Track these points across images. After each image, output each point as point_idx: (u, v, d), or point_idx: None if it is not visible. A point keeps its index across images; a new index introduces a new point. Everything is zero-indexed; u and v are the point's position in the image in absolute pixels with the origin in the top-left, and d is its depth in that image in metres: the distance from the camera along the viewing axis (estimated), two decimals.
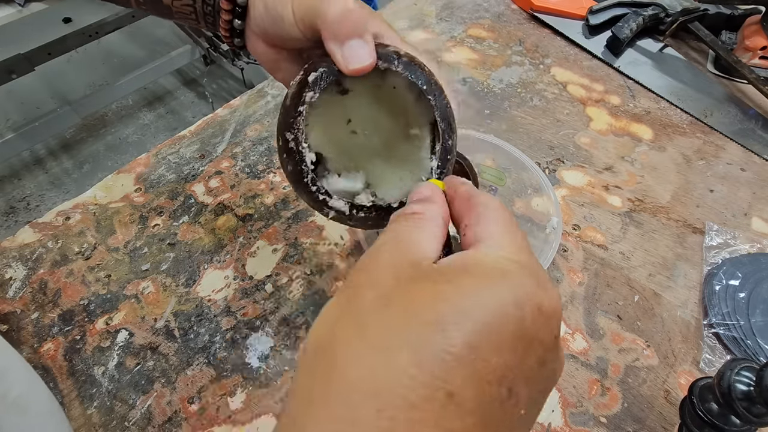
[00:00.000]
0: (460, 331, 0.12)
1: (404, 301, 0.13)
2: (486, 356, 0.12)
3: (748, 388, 0.23)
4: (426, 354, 0.12)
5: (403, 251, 0.15)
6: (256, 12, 0.23)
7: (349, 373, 0.12)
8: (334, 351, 0.13)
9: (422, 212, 0.17)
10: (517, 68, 0.58)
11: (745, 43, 0.55)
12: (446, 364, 0.12)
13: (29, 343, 0.35)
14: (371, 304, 0.14)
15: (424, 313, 0.13)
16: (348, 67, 0.20)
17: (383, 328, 0.13)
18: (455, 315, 0.12)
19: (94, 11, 1.13)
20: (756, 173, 0.47)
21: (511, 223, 0.16)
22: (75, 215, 0.43)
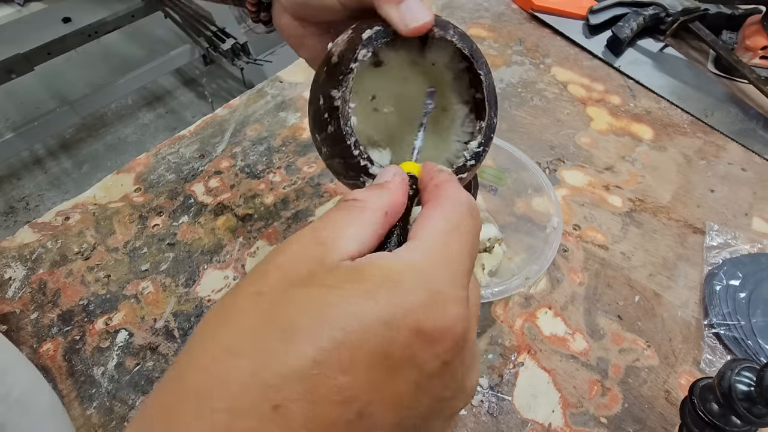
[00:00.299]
0: (311, 344, 0.11)
1: (274, 302, 0.12)
2: (330, 374, 0.11)
3: (748, 388, 0.23)
4: (266, 363, 0.11)
5: (314, 245, 0.14)
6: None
7: (192, 375, 0.12)
8: (192, 345, 0.13)
9: (363, 201, 0.15)
10: (517, 68, 0.58)
11: (746, 43, 0.55)
12: (280, 376, 0.11)
13: (29, 343, 0.35)
14: (245, 299, 0.13)
15: (281, 320, 0.12)
16: (408, 26, 0.19)
17: (240, 328, 0.12)
18: (312, 326, 0.12)
19: (94, 11, 1.13)
20: (757, 173, 0.47)
21: (459, 225, 0.15)
22: (74, 215, 0.43)
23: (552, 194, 0.35)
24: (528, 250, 0.35)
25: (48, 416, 0.26)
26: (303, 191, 0.45)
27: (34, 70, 1.09)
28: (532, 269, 0.31)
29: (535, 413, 0.32)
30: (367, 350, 0.12)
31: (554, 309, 0.37)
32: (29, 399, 0.25)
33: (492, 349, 0.34)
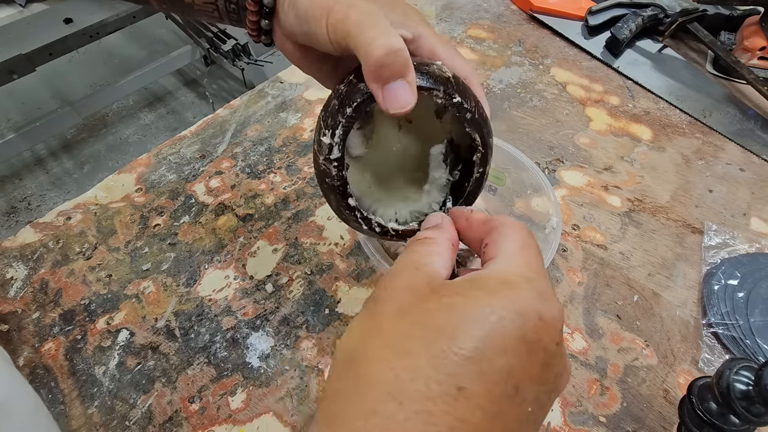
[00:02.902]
0: (468, 336, 0.14)
1: (420, 312, 0.15)
2: (491, 357, 0.14)
3: (746, 387, 0.23)
4: (439, 356, 0.14)
5: (419, 271, 0.17)
6: (287, 18, 0.23)
7: (376, 375, 0.14)
8: (362, 357, 0.15)
9: (434, 238, 0.19)
10: (516, 69, 0.58)
11: (744, 44, 0.55)
12: (456, 364, 0.14)
13: (30, 342, 0.35)
14: (392, 316, 0.16)
15: (436, 322, 0.15)
16: (389, 110, 0.20)
17: (403, 336, 0.15)
18: (463, 322, 0.14)
19: (95, 12, 1.14)
20: (755, 173, 0.47)
21: (527, 241, 0.18)
22: (76, 215, 0.43)
23: (551, 194, 0.35)
24: None
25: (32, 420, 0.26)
26: (303, 191, 0.45)
27: (36, 71, 1.09)
28: None
29: None
30: (511, 335, 0.14)
31: None
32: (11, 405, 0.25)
33: None
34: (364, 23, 0.19)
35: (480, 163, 0.23)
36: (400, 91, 0.19)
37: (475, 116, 0.22)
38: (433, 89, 0.20)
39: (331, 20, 0.20)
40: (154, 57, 1.42)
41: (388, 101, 0.19)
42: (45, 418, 0.27)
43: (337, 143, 0.21)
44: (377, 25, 0.19)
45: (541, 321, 0.15)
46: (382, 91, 0.19)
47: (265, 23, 0.24)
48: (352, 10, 0.20)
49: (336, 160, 0.21)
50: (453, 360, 0.14)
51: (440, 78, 0.21)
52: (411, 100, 0.19)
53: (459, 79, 0.22)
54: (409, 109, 0.19)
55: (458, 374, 0.14)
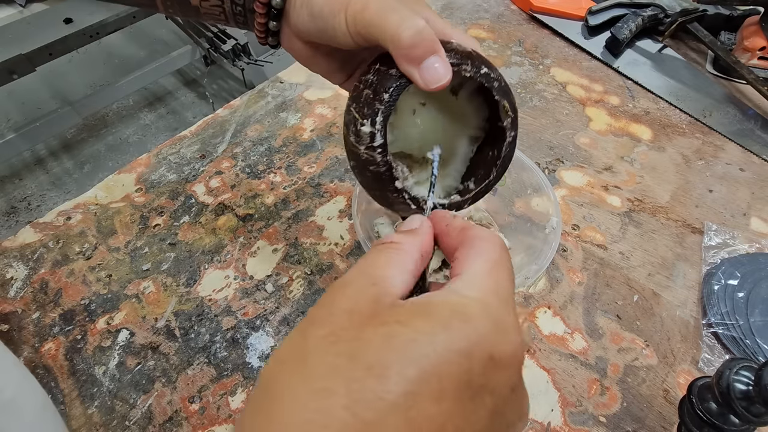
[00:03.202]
0: (401, 378, 0.12)
1: (351, 341, 0.13)
2: (424, 405, 0.12)
3: (746, 387, 0.23)
4: (361, 399, 0.12)
5: (368, 286, 0.15)
6: (299, 18, 0.23)
7: (287, 417, 0.12)
8: (277, 389, 0.13)
9: (400, 243, 0.17)
10: (516, 68, 0.58)
11: (744, 44, 0.55)
12: (379, 412, 0.12)
13: (30, 342, 0.35)
14: (319, 342, 0.13)
15: (367, 357, 0.12)
16: (429, 87, 0.20)
17: (326, 368, 0.13)
18: (398, 361, 0.12)
19: (95, 12, 1.14)
20: (755, 173, 0.47)
21: (500, 261, 0.16)
22: (76, 215, 0.43)
23: (551, 194, 0.35)
24: (527, 250, 0.35)
25: (40, 418, 0.26)
26: (303, 191, 0.45)
27: (36, 71, 1.09)
28: (532, 269, 0.31)
29: (534, 412, 0.32)
30: (452, 379, 0.12)
31: (553, 308, 0.37)
32: (21, 401, 0.25)
33: None
34: (385, 10, 0.20)
35: (511, 126, 0.24)
36: (436, 66, 0.20)
37: (502, 84, 0.23)
38: (462, 63, 0.21)
39: (350, 12, 0.21)
40: (154, 57, 1.42)
41: (426, 78, 0.20)
42: (53, 415, 0.27)
43: (379, 130, 0.21)
44: (398, 10, 0.20)
45: (491, 362, 0.13)
46: (419, 71, 0.20)
47: (273, 24, 0.24)
48: (370, 1, 0.20)
49: (380, 146, 0.22)
50: (377, 405, 0.12)
51: (464, 53, 0.22)
52: (448, 72, 0.20)
53: (481, 55, 0.23)
54: (447, 82, 0.20)
55: (379, 423, 0.11)
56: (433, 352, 0.12)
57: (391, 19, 0.20)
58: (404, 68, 0.20)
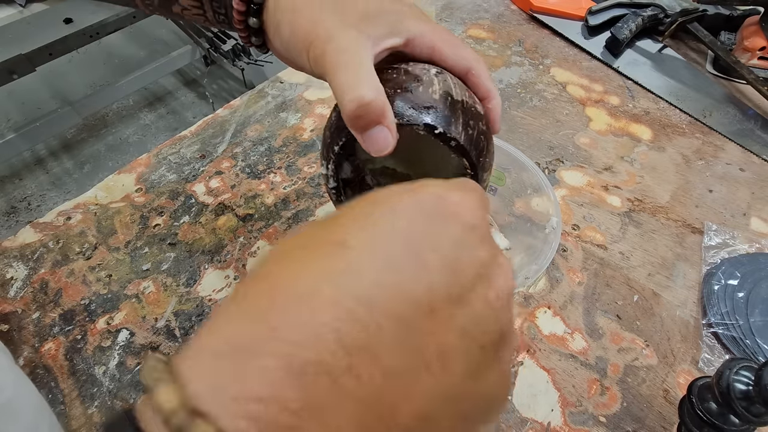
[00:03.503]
0: (367, 206, 0.13)
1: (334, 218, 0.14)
2: (380, 219, 0.13)
3: (746, 387, 0.23)
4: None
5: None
6: (274, 42, 0.23)
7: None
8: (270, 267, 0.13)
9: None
10: (516, 69, 0.58)
11: (744, 44, 0.55)
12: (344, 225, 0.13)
13: (30, 342, 0.35)
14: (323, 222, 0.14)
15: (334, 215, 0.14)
16: (371, 154, 0.20)
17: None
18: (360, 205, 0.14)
19: (95, 12, 1.14)
20: (755, 173, 0.47)
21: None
22: (76, 215, 0.43)
23: (551, 194, 0.35)
24: (527, 249, 0.35)
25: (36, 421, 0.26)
26: (303, 191, 0.45)
27: (36, 71, 1.09)
28: (532, 269, 0.31)
29: (534, 412, 0.32)
30: (405, 205, 0.13)
31: (553, 308, 0.37)
32: (17, 404, 0.25)
33: None
34: (338, 65, 0.19)
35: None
36: (377, 136, 0.19)
37: (461, 141, 0.20)
38: (414, 125, 0.20)
39: (311, 56, 0.20)
40: (154, 57, 1.42)
41: (368, 146, 0.20)
42: (48, 418, 0.27)
43: (332, 175, 0.23)
44: (350, 68, 0.19)
45: (440, 197, 0.14)
46: (362, 138, 0.20)
47: (253, 21, 0.23)
48: (328, 47, 0.20)
49: (333, 188, 0.23)
50: (339, 227, 0.13)
51: (422, 105, 0.20)
52: (389, 143, 0.20)
53: (448, 96, 0.21)
54: (389, 151, 0.20)
55: (341, 234, 0.12)
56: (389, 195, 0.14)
57: (339, 81, 0.19)
58: (351, 130, 0.20)
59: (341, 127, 0.21)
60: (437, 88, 0.21)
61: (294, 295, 0.11)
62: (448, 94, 0.21)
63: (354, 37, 0.20)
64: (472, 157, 0.21)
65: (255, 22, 0.23)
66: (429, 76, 0.21)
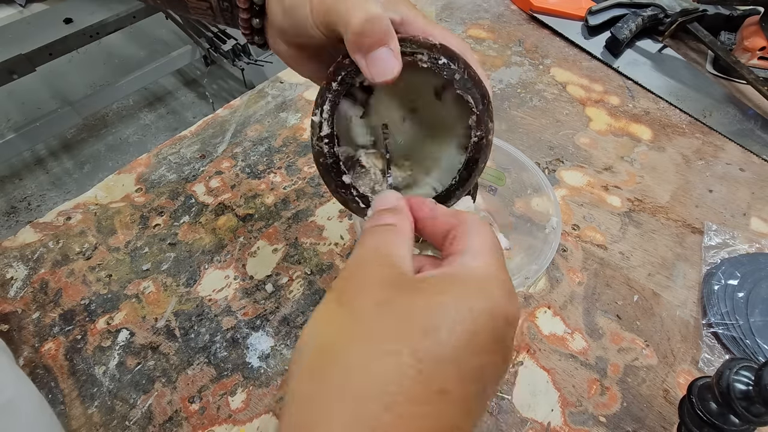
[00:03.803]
0: (451, 337, 0.14)
1: (403, 308, 0.15)
2: (469, 358, 0.14)
3: (746, 387, 0.23)
4: (424, 358, 0.14)
5: (389, 263, 0.17)
6: (274, 15, 0.23)
7: (357, 376, 0.13)
8: (339, 354, 0.14)
9: (395, 224, 0.18)
10: (516, 69, 0.58)
11: (744, 44, 0.55)
12: (438, 366, 0.14)
13: (30, 342, 0.35)
14: (371, 310, 0.15)
15: (422, 320, 0.14)
16: (374, 79, 0.19)
17: (386, 332, 0.14)
18: (445, 323, 0.14)
19: (95, 12, 1.14)
20: (755, 173, 0.47)
21: (493, 237, 0.18)
22: (76, 215, 0.43)
23: (551, 194, 0.35)
24: (527, 249, 0.35)
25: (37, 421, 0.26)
26: (303, 191, 0.45)
27: (36, 71, 1.09)
28: (532, 269, 0.31)
29: (534, 412, 0.32)
30: (484, 337, 0.15)
31: (553, 308, 0.37)
32: (18, 404, 0.25)
33: None
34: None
35: (476, 125, 0.21)
36: (383, 57, 0.19)
37: (465, 76, 0.20)
38: (416, 53, 0.20)
39: (315, 1, 0.20)
40: (154, 57, 1.42)
41: (372, 69, 0.19)
42: (49, 418, 0.27)
43: (326, 119, 0.21)
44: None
45: (506, 321, 0.16)
46: (366, 60, 0.19)
47: (256, 22, 0.23)
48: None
49: (326, 136, 0.22)
50: (436, 361, 0.14)
51: (425, 44, 0.20)
52: (395, 65, 0.19)
53: (447, 47, 0.21)
54: (394, 77, 0.19)
55: (440, 372, 0.14)
56: (470, 314, 0.15)
57: (346, 4, 0.19)
58: (354, 57, 0.20)
59: (339, 65, 0.20)
60: (438, 42, 0.21)
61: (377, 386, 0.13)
62: (446, 45, 0.21)
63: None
64: (476, 95, 0.21)
65: (258, 23, 0.23)
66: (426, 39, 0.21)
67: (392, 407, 0.13)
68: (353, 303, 0.15)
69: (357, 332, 0.15)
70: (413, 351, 0.14)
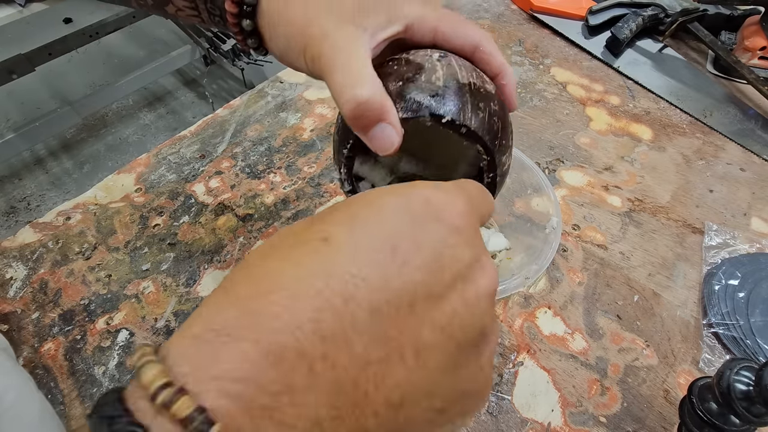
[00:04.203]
0: (353, 207, 0.14)
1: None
2: (368, 222, 0.13)
3: (747, 387, 0.23)
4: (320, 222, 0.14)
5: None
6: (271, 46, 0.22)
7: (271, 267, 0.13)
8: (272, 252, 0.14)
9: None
10: (516, 68, 0.58)
11: (745, 44, 0.55)
12: (332, 219, 0.14)
13: (30, 343, 0.35)
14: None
15: (322, 214, 0.15)
16: (379, 153, 0.19)
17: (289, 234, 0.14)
18: (347, 204, 0.14)
19: (95, 12, 1.14)
20: (755, 173, 0.47)
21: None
22: (75, 215, 0.43)
23: (551, 194, 0.35)
24: (527, 249, 0.35)
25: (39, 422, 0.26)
26: (303, 191, 0.45)
27: (35, 71, 1.09)
28: (532, 269, 0.31)
29: (534, 412, 0.32)
30: (391, 208, 0.14)
31: (554, 309, 0.37)
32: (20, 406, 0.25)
33: None
34: (334, 67, 0.19)
35: (488, 169, 0.21)
36: (381, 135, 0.19)
37: (471, 128, 0.19)
38: (419, 117, 0.19)
39: (308, 57, 0.20)
40: (154, 57, 1.42)
41: (374, 146, 0.19)
42: (50, 420, 0.27)
43: (345, 179, 0.22)
44: (345, 67, 0.18)
45: (426, 200, 0.14)
46: (367, 138, 0.19)
47: (247, 23, 0.22)
48: (324, 46, 0.19)
49: (348, 192, 0.23)
50: (325, 224, 0.13)
51: (425, 93, 0.19)
52: (394, 140, 0.19)
53: (454, 80, 0.20)
54: (395, 149, 0.19)
55: (326, 230, 0.13)
56: (378, 197, 0.14)
57: (336, 81, 0.18)
58: (355, 132, 0.20)
59: (348, 129, 0.20)
60: (441, 74, 0.20)
61: (276, 285, 0.12)
62: (452, 77, 0.20)
63: (350, 34, 0.19)
64: (486, 142, 0.20)
65: (249, 24, 0.22)
66: (431, 62, 0.20)
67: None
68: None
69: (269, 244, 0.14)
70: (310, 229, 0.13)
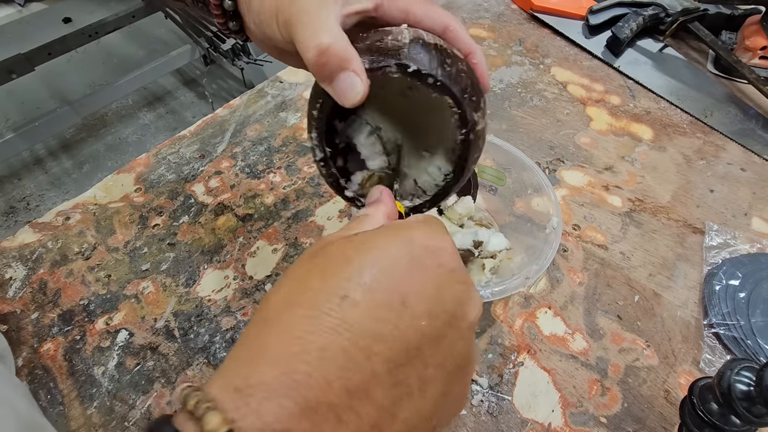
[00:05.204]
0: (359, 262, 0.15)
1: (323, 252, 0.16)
2: (376, 275, 0.15)
3: (748, 388, 0.23)
4: (330, 281, 0.15)
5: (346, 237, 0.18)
6: (249, 28, 0.23)
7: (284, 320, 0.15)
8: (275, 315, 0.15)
9: (369, 215, 0.20)
10: (517, 68, 0.58)
11: (745, 43, 0.55)
12: (344, 282, 0.15)
13: (29, 343, 0.35)
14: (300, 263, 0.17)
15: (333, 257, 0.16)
16: (344, 104, 0.19)
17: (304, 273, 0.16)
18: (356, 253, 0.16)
19: (94, 11, 1.14)
20: (756, 173, 0.47)
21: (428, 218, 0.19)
22: (75, 215, 0.43)
23: (552, 194, 0.35)
24: (528, 250, 0.35)
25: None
26: (303, 191, 0.45)
27: (35, 71, 1.09)
28: (532, 269, 0.31)
29: (534, 413, 0.32)
30: (396, 257, 0.15)
31: (554, 309, 0.37)
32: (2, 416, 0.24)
33: (492, 349, 0.34)
34: (300, 23, 0.19)
35: (460, 124, 0.20)
36: (346, 83, 0.19)
37: (438, 78, 0.19)
38: (385, 67, 0.19)
39: (280, 21, 0.20)
40: (154, 56, 1.42)
41: (339, 96, 0.19)
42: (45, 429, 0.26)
43: (317, 145, 0.22)
44: (311, 22, 0.19)
45: (426, 247, 0.16)
46: (331, 87, 0.19)
47: (228, 4, 0.23)
48: (293, 9, 0.19)
49: (321, 160, 0.22)
50: (343, 281, 0.14)
51: (392, 50, 0.19)
52: (360, 88, 0.19)
53: (420, 40, 0.20)
54: (362, 98, 0.19)
55: (345, 288, 0.14)
56: (383, 244, 0.16)
57: (301, 36, 0.19)
58: (322, 85, 0.20)
59: (318, 89, 0.20)
60: (407, 34, 0.20)
61: (305, 345, 0.14)
62: (419, 38, 0.20)
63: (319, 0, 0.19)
64: (454, 93, 0.19)
65: (230, 4, 0.23)
66: (399, 29, 0.20)
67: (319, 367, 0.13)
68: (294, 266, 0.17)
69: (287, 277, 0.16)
70: (323, 279, 0.15)
